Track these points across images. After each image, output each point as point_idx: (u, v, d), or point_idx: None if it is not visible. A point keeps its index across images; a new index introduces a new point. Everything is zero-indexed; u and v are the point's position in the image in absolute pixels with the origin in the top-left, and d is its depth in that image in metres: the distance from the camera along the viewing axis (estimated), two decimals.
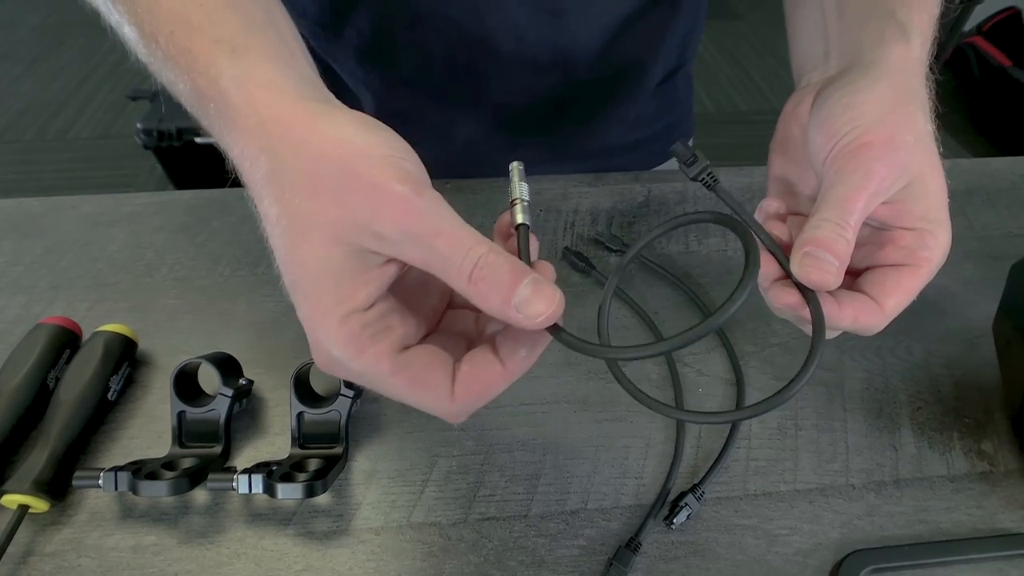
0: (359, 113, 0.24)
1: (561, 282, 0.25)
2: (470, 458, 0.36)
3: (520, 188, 0.26)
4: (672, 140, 0.69)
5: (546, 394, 0.39)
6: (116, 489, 0.32)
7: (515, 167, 0.27)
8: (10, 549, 0.31)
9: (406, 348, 0.24)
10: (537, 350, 0.25)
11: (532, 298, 0.22)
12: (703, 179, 0.30)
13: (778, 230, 0.31)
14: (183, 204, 0.51)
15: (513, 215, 0.26)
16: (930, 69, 0.30)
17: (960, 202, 0.54)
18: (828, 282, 0.26)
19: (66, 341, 0.39)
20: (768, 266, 0.28)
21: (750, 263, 0.24)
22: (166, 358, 0.41)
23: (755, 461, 0.37)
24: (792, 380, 0.24)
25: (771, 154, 0.34)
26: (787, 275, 0.28)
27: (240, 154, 0.25)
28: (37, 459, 0.33)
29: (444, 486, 0.35)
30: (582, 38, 0.47)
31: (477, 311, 0.28)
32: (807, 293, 0.27)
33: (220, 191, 0.52)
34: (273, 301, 0.44)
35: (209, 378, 0.36)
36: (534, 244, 0.26)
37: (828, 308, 0.27)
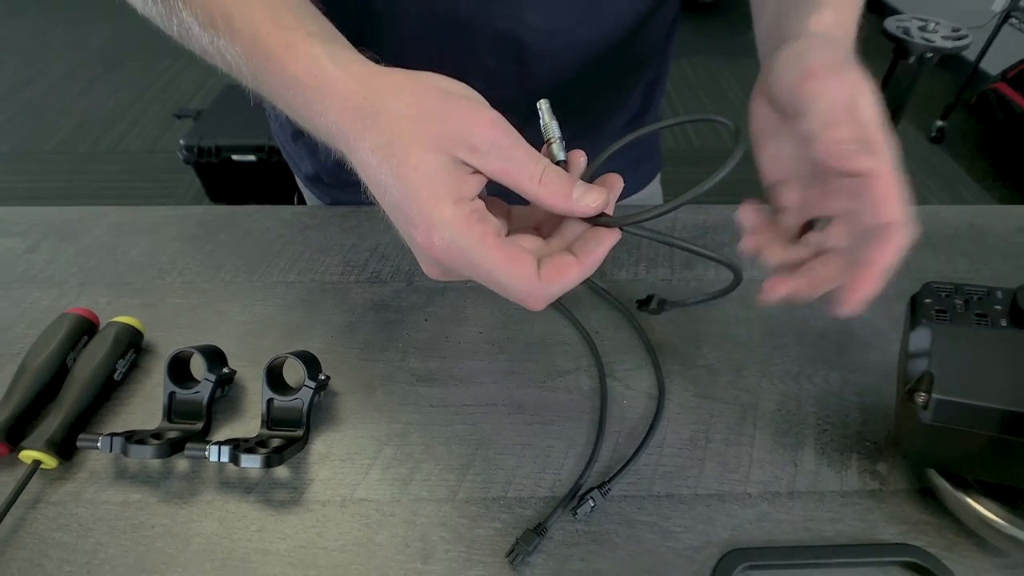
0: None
1: None
2: (412, 447, 0.42)
3: (552, 127, 0.33)
4: (640, 173, 0.74)
5: (487, 397, 0.45)
6: (111, 451, 0.38)
7: (543, 105, 0.33)
8: (22, 496, 0.38)
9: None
10: (606, 245, 0.31)
11: (586, 193, 0.30)
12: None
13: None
14: (196, 218, 0.59)
15: (552, 155, 0.32)
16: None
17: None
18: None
19: (85, 329, 0.46)
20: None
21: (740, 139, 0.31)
22: (167, 348, 0.48)
23: (664, 467, 0.41)
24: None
25: (752, 105, 0.37)
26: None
27: (340, 108, 0.30)
28: (51, 423, 0.40)
29: (386, 470, 0.41)
30: (546, 82, 0.53)
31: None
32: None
33: (229, 208, 0.60)
34: (263, 305, 0.51)
35: (198, 366, 0.43)
36: (581, 163, 0.33)
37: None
